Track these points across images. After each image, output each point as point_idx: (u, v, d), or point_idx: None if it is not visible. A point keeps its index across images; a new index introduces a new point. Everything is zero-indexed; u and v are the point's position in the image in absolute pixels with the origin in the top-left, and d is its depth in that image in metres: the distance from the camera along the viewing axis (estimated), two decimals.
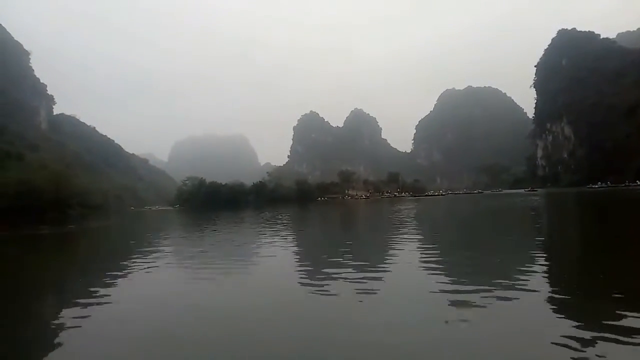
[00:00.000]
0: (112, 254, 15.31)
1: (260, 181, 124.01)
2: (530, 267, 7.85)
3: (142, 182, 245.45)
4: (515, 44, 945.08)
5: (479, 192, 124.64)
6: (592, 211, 25.40)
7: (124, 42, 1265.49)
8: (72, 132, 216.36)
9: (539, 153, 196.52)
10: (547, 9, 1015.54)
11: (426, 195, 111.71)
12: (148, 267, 10.20)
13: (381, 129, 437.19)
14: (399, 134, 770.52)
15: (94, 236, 26.41)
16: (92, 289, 7.68)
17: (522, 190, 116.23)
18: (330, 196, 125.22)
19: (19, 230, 32.12)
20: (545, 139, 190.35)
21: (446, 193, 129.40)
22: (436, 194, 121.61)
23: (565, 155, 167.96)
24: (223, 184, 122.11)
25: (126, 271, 9.89)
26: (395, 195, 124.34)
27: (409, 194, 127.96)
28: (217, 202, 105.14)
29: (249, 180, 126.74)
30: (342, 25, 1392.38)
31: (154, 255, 12.57)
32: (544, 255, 9.73)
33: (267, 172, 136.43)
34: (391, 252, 11.08)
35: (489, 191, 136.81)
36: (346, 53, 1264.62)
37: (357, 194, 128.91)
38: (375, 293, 6.39)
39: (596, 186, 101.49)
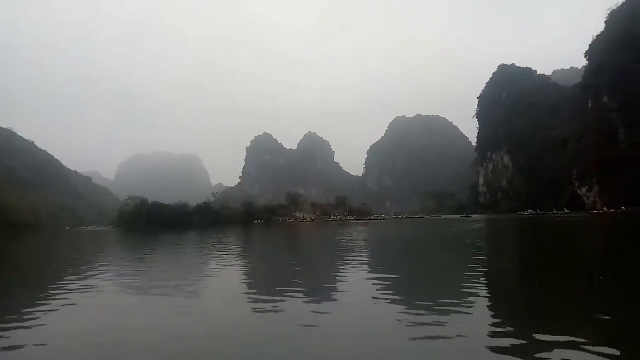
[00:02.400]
0: None
1: (205, 202, 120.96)
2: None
3: (83, 201, 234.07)
4: (463, 75, 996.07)
5: (420, 217, 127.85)
6: (511, 235, 26.53)
7: (72, 59, 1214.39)
8: (7, 146, 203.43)
9: (481, 180, 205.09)
10: (494, 41, 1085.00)
11: (369, 219, 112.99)
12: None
13: (334, 152, 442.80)
14: (351, 159, 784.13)
15: None
16: None
17: (458, 216, 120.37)
18: (277, 218, 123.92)
19: None
20: (487, 167, 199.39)
21: (388, 217, 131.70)
22: (379, 218, 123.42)
23: (504, 184, 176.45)
24: (166, 204, 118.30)
25: None
26: (340, 219, 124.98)
27: (354, 218, 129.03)
28: (160, 223, 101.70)
29: (200, 201, 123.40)
30: (295, 54, 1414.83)
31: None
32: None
33: (213, 193, 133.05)
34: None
35: (429, 216, 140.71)
36: (298, 79, 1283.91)
37: (304, 217, 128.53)
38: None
39: (527, 213, 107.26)
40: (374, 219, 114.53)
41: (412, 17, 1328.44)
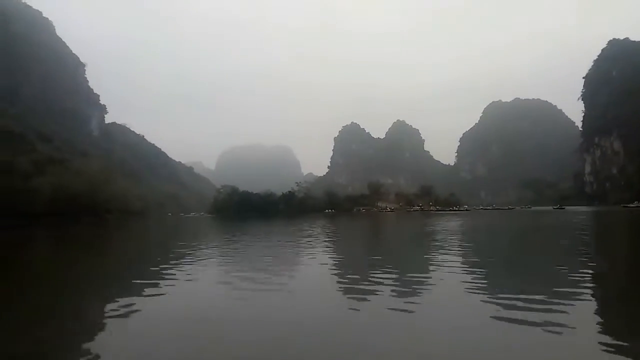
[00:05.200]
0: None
1: (289, 191, 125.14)
2: None
3: (185, 189, 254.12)
4: (569, 55, 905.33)
5: (508, 209, 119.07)
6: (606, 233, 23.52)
7: (171, 58, 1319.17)
8: (121, 140, 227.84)
9: (587, 169, 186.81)
10: (601, 19, 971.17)
11: (451, 210, 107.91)
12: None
13: (424, 140, 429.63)
14: (443, 147, 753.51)
15: (96, 239, 27.41)
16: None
17: (550, 208, 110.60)
18: (358, 208, 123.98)
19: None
20: (594, 153, 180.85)
21: (472, 208, 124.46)
22: (462, 209, 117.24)
23: (615, 172, 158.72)
24: (255, 193, 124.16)
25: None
26: (422, 209, 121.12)
27: (437, 208, 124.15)
28: (249, 211, 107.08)
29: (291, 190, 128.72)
30: (387, 35, 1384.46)
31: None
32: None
33: (297, 182, 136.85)
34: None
35: (520, 207, 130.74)
36: (390, 65, 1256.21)
37: (386, 207, 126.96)
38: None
39: (633, 205, 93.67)
40: (456, 210, 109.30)
41: (513, 4, 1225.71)
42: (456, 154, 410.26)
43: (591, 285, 7.45)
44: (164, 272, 9.88)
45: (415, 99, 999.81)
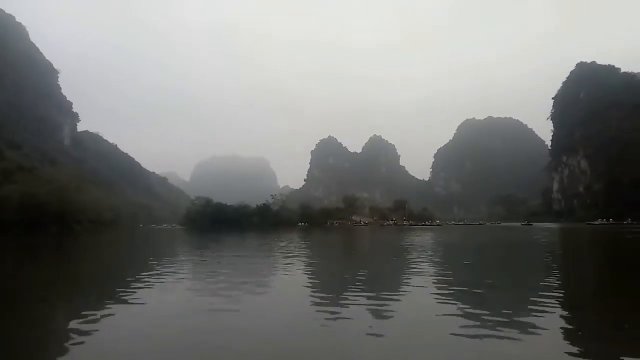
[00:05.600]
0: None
1: (264, 204, 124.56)
2: None
3: (158, 200, 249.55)
4: (539, 75, 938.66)
5: (479, 224, 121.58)
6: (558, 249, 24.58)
7: (154, 66, 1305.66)
8: (94, 149, 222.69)
9: (555, 186, 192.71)
10: (573, 42, 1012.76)
11: (423, 225, 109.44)
12: None
13: (399, 156, 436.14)
14: (418, 162, 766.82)
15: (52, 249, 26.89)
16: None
17: (519, 224, 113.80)
18: (331, 221, 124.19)
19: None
20: (562, 172, 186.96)
21: (444, 223, 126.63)
22: (434, 224, 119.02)
23: (581, 190, 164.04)
24: (229, 205, 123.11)
25: None
26: (395, 223, 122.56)
27: (409, 223, 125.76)
28: (223, 223, 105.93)
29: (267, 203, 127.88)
30: (362, 51, 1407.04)
31: None
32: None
33: (272, 195, 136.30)
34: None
35: (490, 223, 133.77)
36: (366, 81, 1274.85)
37: (360, 220, 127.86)
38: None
39: (596, 223, 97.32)
40: (428, 225, 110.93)
41: (484, 15, 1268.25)
42: (431, 169, 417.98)
43: (549, 297, 7.80)
44: (123, 287, 9.64)
45: (392, 114, 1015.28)
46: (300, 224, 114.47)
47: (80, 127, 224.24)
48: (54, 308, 7.92)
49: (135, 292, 8.82)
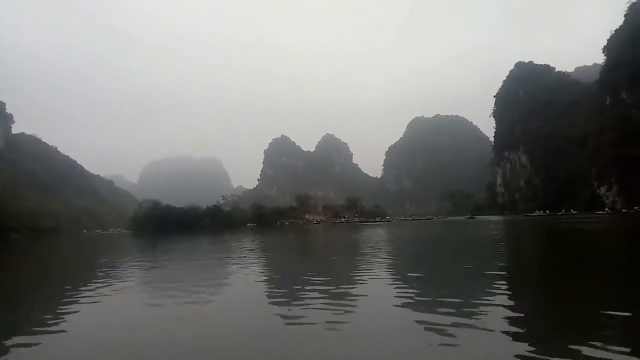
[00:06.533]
0: None
1: (214, 205, 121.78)
2: None
3: (104, 204, 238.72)
4: (485, 75, 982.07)
5: (427, 219, 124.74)
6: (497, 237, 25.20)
7: (93, 62, 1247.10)
8: (31, 151, 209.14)
9: (498, 180, 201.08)
10: (515, 43, 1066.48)
11: (373, 221, 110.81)
12: None
13: (352, 154, 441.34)
14: (371, 160, 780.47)
15: None
16: None
17: (463, 217, 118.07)
18: (282, 221, 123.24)
19: None
20: (504, 167, 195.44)
21: (393, 219, 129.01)
22: (384, 220, 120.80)
23: (522, 183, 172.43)
24: (178, 207, 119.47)
25: None
26: (347, 220, 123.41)
27: (360, 219, 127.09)
28: (172, 226, 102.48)
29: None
30: (319, 56, 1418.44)
31: None
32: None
33: (223, 196, 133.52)
34: None
35: (437, 218, 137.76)
36: (321, 82, 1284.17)
37: (313, 219, 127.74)
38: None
39: (535, 214, 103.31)
40: (378, 221, 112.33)
41: (431, 18, 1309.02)
42: (382, 167, 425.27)
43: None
44: (71, 294, 8.97)
45: (344, 113, 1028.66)
46: (249, 224, 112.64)
47: (17, 129, 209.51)
48: None
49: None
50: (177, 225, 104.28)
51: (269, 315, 6.35)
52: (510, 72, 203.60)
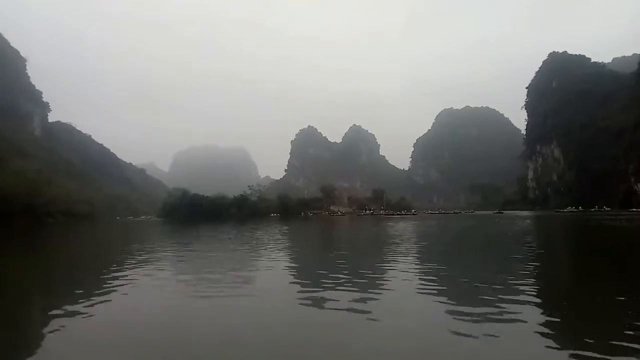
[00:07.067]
0: None
1: (241, 194, 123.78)
2: None
3: (136, 191, 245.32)
4: (514, 65, 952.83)
5: (454, 213, 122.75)
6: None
7: (127, 54, 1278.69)
8: (67, 140, 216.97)
9: (530, 175, 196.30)
10: (548, 32, 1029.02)
11: (398, 214, 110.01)
12: None
13: (379, 145, 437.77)
14: (398, 152, 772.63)
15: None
16: None
17: (490, 212, 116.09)
18: (306, 212, 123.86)
19: None
20: (536, 160, 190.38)
21: (419, 212, 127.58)
22: (409, 213, 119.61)
23: (555, 178, 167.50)
24: (206, 196, 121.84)
25: None
26: (372, 213, 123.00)
27: (386, 212, 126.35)
28: (200, 214, 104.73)
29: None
30: (343, 44, 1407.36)
31: None
32: None
33: (249, 186, 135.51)
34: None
35: (465, 212, 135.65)
36: (346, 71, 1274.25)
37: (338, 211, 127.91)
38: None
39: (565, 210, 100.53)
40: (404, 214, 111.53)
41: (463, 7, 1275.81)
42: (410, 159, 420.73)
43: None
44: (104, 278, 9.39)
45: (371, 104, 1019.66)
46: (272, 214, 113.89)
47: (52, 118, 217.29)
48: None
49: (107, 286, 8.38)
50: (205, 213, 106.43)
51: (296, 305, 6.45)
52: (543, 62, 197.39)
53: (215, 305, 6.57)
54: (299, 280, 9.06)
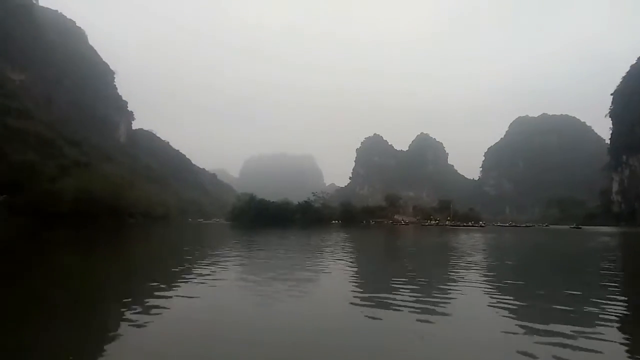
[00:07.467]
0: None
1: (305, 201, 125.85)
2: None
3: (208, 196, 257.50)
4: (597, 71, 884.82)
5: (526, 226, 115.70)
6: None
7: (205, 69, 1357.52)
8: (147, 146, 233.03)
9: (615, 187, 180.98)
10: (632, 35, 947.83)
11: (464, 226, 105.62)
12: None
13: (447, 154, 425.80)
14: (467, 161, 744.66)
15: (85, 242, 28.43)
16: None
17: (567, 227, 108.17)
18: (369, 220, 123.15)
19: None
20: (622, 172, 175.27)
21: (488, 224, 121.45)
22: (476, 225, 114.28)
23: None
24: (272, 201, 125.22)
25: None
26: (437, 223, 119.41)
27: (452, 223, 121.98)
28: (266, 219, 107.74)
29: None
30: (410, 49, 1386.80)
31: None
32: None
33: (313, 192, 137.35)
34: None
35: (539, 225, 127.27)
36: (414, 77, 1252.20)
37: (401, 220, 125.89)
38: None
39: None
40: (471, 226, 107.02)
41: (537, 11, 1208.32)
42: (481, 168, 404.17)
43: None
44: (182, 274, 10.35)
45: (439, 111, 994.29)
46: (334, 221, 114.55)
47: (135, 125, 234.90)
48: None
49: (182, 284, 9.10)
50: (270, 218, 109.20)
51: (355, 312, 6.52)
52: (631, 67, 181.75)
53: (280, 310, 6.68)
54: (362, 288, 9.17)
